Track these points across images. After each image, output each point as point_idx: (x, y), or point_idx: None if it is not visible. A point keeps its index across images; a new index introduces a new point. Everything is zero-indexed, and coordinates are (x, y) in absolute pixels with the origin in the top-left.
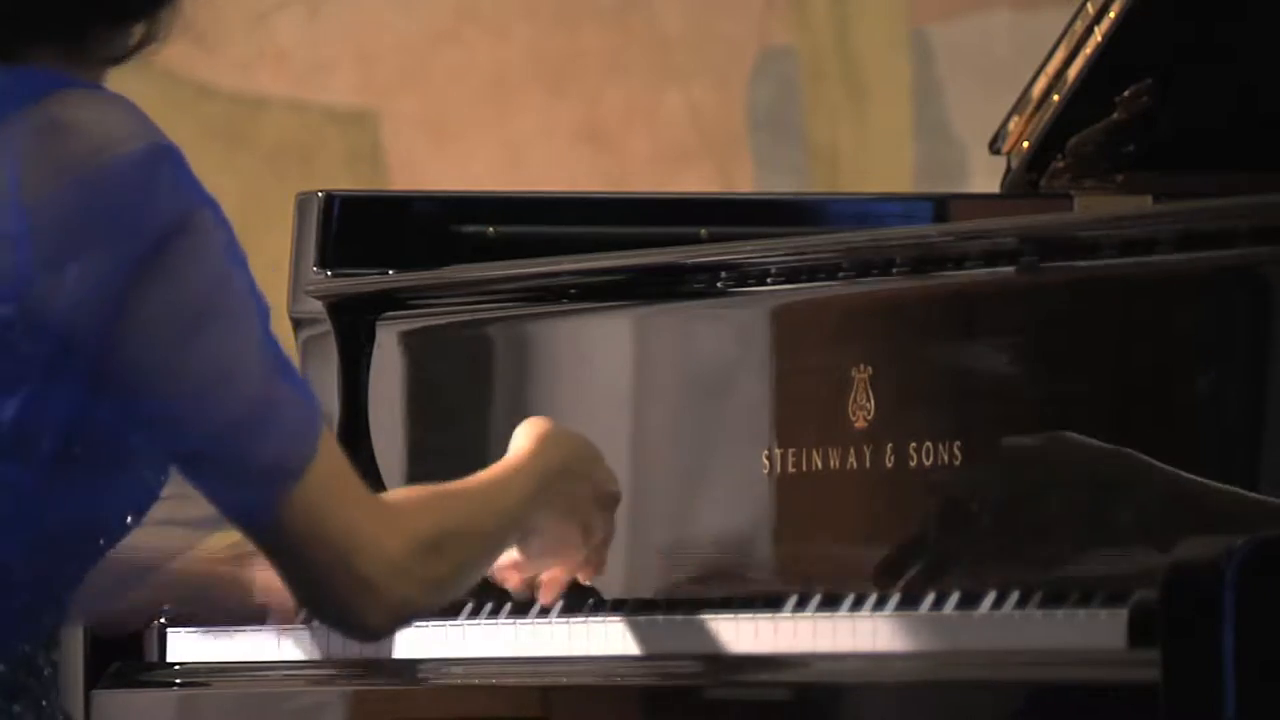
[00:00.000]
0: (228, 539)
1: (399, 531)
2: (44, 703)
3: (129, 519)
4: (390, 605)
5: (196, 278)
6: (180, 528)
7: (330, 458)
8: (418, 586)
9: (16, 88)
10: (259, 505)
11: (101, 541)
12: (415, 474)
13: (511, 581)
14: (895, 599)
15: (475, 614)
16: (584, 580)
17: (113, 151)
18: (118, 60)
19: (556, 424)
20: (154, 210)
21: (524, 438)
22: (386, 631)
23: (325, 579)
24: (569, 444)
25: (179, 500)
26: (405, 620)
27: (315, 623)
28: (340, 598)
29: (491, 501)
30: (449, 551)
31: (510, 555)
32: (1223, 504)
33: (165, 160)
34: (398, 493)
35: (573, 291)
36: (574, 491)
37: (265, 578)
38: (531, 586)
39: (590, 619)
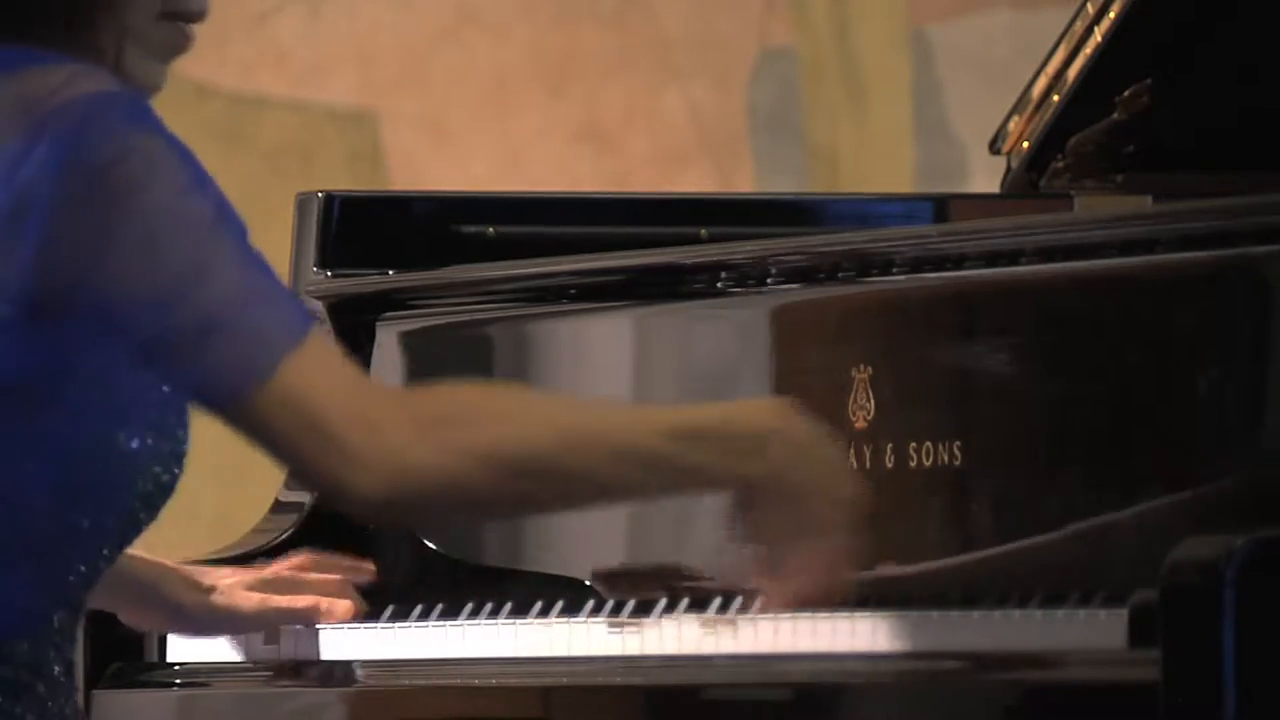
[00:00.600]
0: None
1: (389, 400)
2: (50, 704)
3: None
4: (380, 467)
5: (144, 194)
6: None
7: (314, 346)
8: (414, 445)
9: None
10: (229, 394)
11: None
12: None
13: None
14: (895, 599)
15: (475, 614)
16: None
17: (63, 94)
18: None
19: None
20: (91, 135)
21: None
22: (390, 501)
23: (302, 451)
24: (793, 420)
25: None
26: (411, 486)
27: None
28: (321, 467)
29: (590, 415)
30: (468, 428)
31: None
32: (1223, 503)
33: (114, 99)
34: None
35: (573, 292)
36: (792, 471)
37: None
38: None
39: (591, 619)
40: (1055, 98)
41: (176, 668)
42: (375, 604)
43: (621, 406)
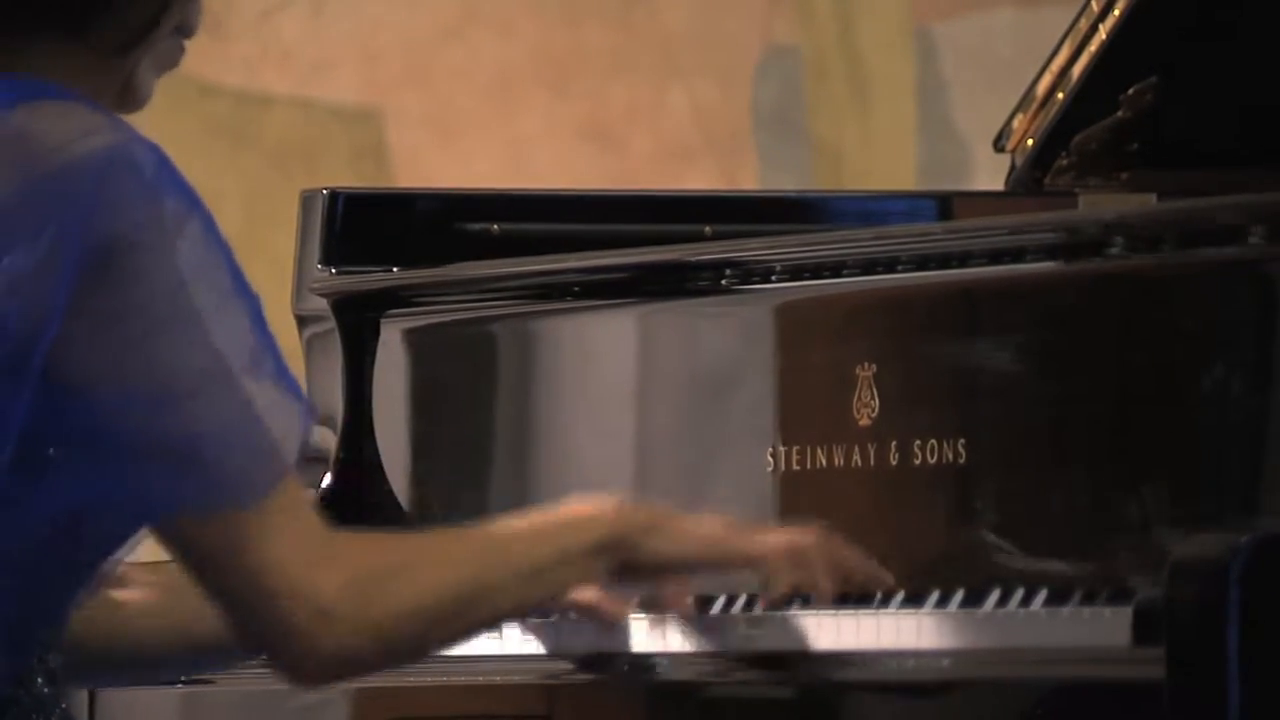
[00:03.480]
0: None
1: (335, 572)
2: (34, 717)
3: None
4: (321, 658)
5: (149, 286)
6: None
7: (285, 495)
8: (352, 636)
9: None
10: (189, 518)
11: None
12: (419, 472)
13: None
14: (898, 597)
15: None
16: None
17: (68, 150)
18: (126, 48)
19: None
20: (103, 209)
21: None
22: (325, 680)
23: (248, 612)
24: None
25: None
26: (349, 669)
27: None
28: (264, 638)
29: (485, 549)
30: (396, 591)
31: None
32: (1227, 501)
33: (123, 160)
34: (358, 533)
35: (577, 289)
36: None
37: None
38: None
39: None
40: (1059, 95)
41: None
42: None
43: (495, 532)
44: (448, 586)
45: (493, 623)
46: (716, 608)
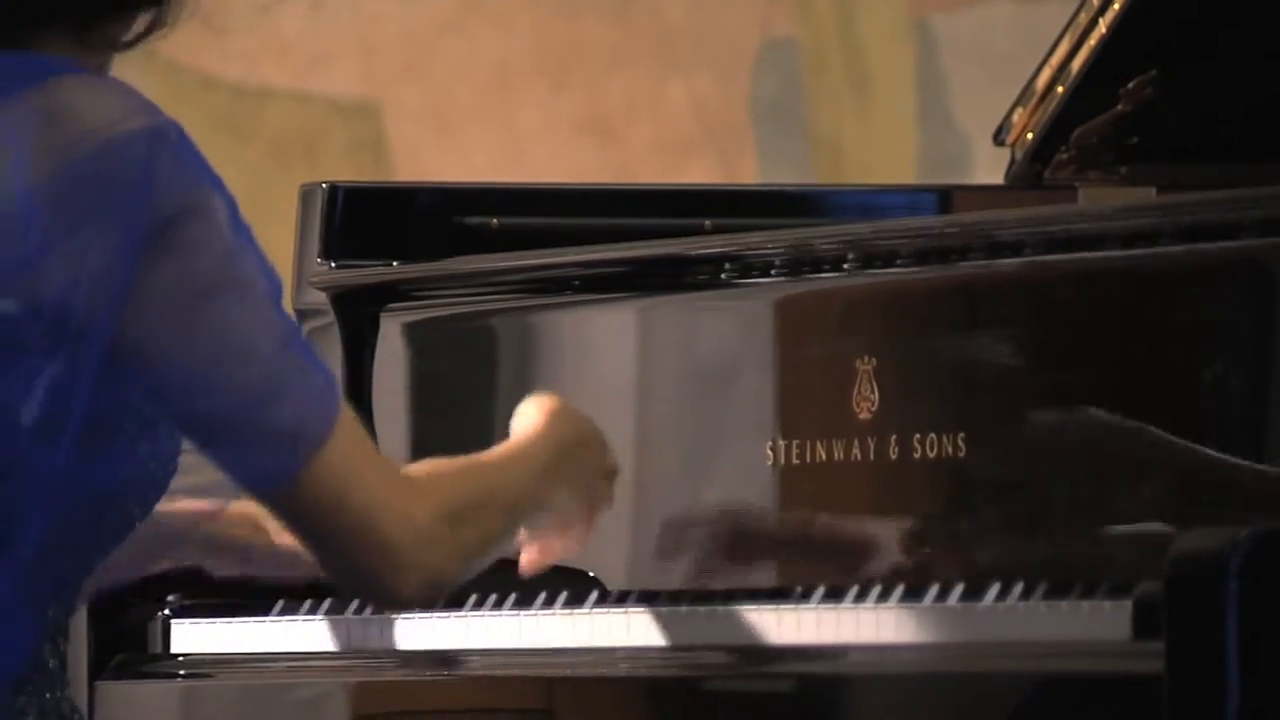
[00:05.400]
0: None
1: (424, 500)
2: (48, 695)
3: (150, 495)
4: (420, 574)
5: (204, 254)
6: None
7: (349, 429)
8: (446, 555)
9: (19, 70)
10: (277, 474)
11: (120, 523)
12: None
13: (522, 557)
14: (899, 591)
15: (479, 606)
16: (571, 553)
17: (113, 130)
18: (125, 46)
19: (561, 400)
20: (156, 189)
21: (533, 413)
22: (419, 602)
23: (349, 548)
24: (575, 419)
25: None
26: (438, 590)
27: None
28: (367, 567)
29: (511, 474)
30: (474, 521)
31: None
32: (1227, 495)
33: (165, 139)
34: (419, 465)
35: (576, 283)
36: (584, 465)
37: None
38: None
39: (594, 611)
40: (1059, 89)
41: (180, 659)
42: None
43: (508, 459)
44: (502, 511)
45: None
46: (717, 599)
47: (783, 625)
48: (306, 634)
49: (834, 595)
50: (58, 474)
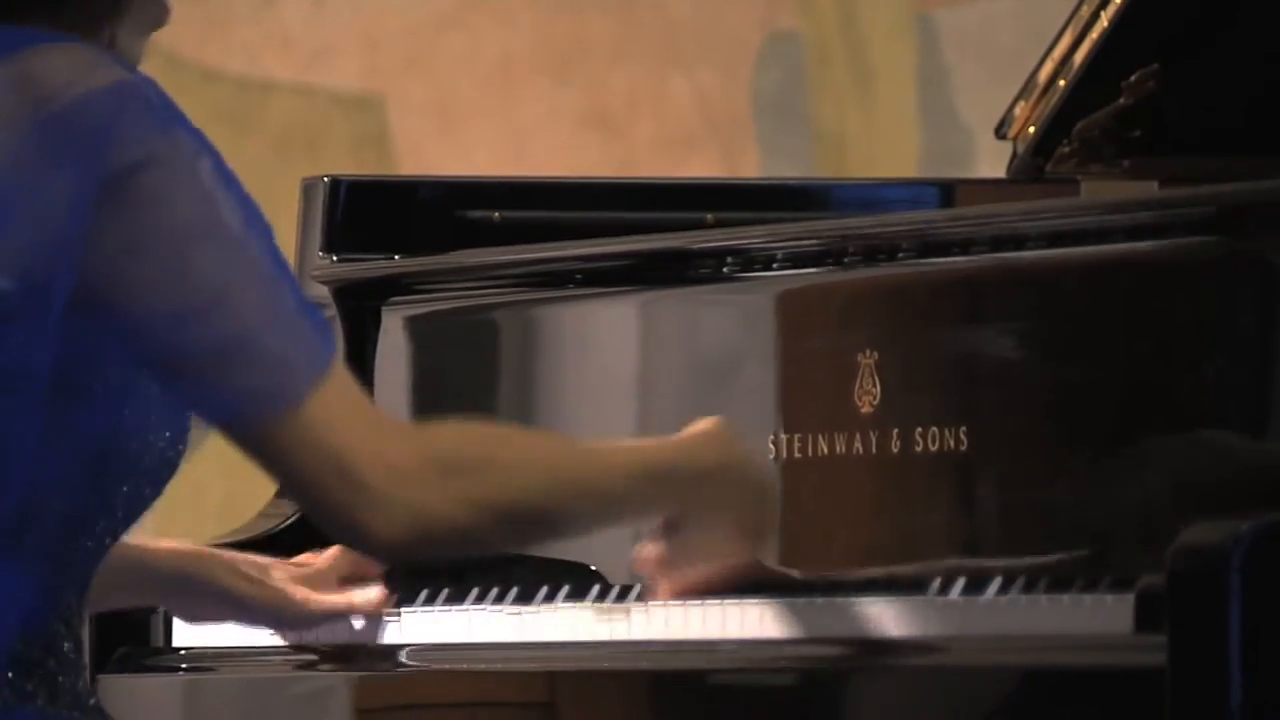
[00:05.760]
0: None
1: (410, 444)
2: (60, 679)
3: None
4: (399, 513)
5: (172, 203)
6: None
7: (337, 379)
8: (430, 498)
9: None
10: (252, 420)
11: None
12: None
13: (652, 576)
14: (901, 584)
15: (480, 600)
16: (711, 585)
17: (76, 89)
18: (109, 17)
19: (727, 427)
20: (116, 140)
21: (690, 429)
22: (401, 545)
23: (324, 489)
24: (732, 447)
25: None
26: (422, 534)
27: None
28: (343, 507)
29: (581, 457)
30: (478, 478)
31: (652, 548)
32: (1229, 488)
33: (131, 95)
34: (443, 424)
35: (578, 277)
36: (723, 492)
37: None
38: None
39: (596, 605)
40: (1061, 83)
41: (182, 652)
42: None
43: (592, 448)
44: (521, 494)
45: (564, 535)
46: (715, 597)
47: (784, 619)
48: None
49: (835, 588)
50: (30, 427)
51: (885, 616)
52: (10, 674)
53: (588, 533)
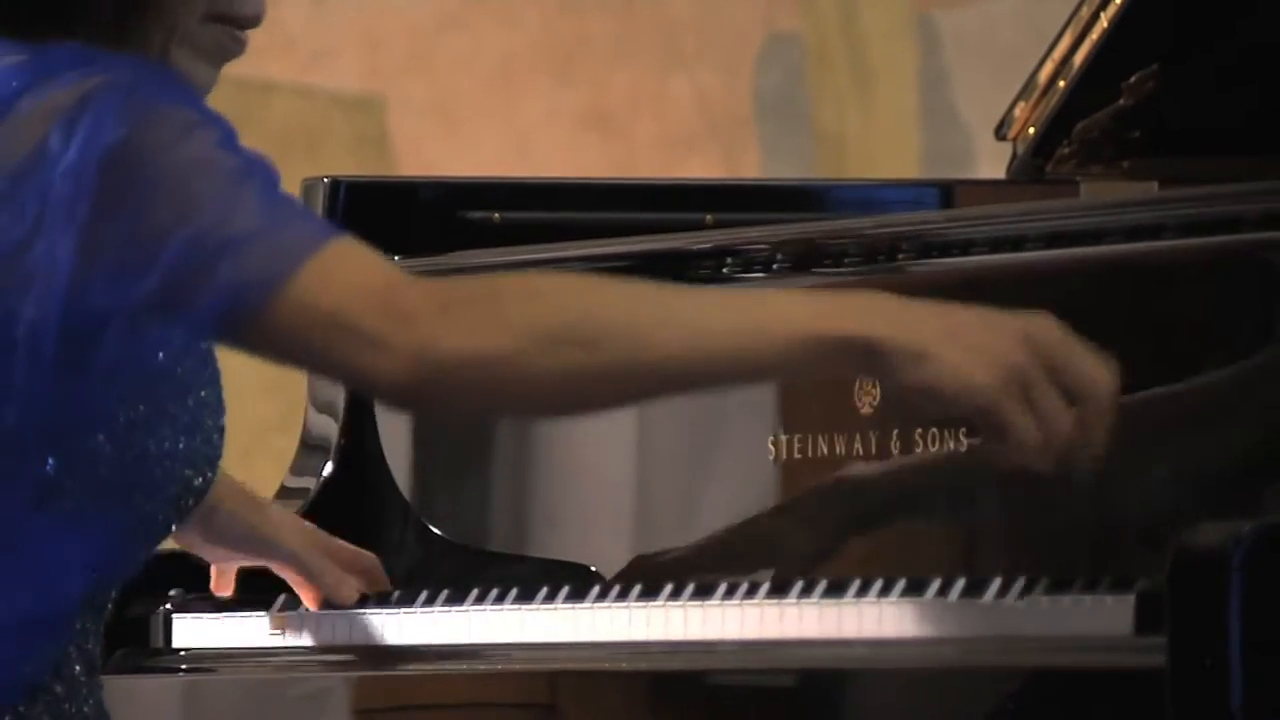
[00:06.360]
0: None
1: (417, 287)
2: (67, 705)
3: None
4: (407, 352)
5: (175, 156)
6: None
7: (337, 248)
8: (444, 329)
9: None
10: (249, 308)
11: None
12: (421, 460)
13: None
14: (900, 585)
15: (481, 600)
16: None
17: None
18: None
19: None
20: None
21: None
22: (419, 388)
23: (324, 350)
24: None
25: None
26: (440, 371)
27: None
28: (343, 359)
29: (641, 292)
30: (499, 302)
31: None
32: (1229, 489)
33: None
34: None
35: None
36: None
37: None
38: None
39: (596, 605)
40: (1061, 83)
41: (182, 654)
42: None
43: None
44: (559, 310)
45: (628, 373)
46: (719, 594)
47: (784, 619)
48: (308, 628)
49: (835, 590)
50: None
51: (885, 617)
52: (21, 707)
53: (660, 375)
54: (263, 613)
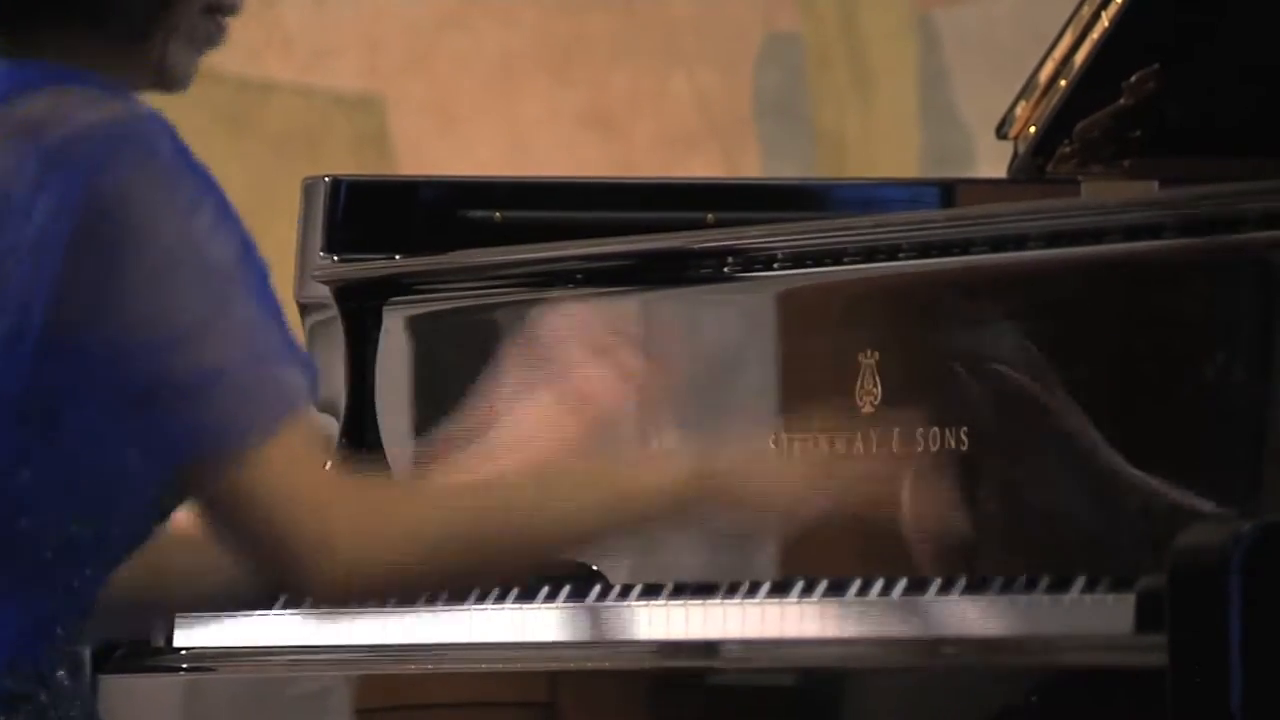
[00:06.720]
0: None
1: (344, 492)
2: (51, 712)
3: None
4: (339, 570)
5: (155, 239)
6: None
7: (300, 428)
8: (367, 549)
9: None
10: (207, 456)
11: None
12: (422, 459)
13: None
14: (902, 584)
15: (480, 600)
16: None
17: (68, 126)
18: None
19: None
20: (101, 177)
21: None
22: (341, 598)
23: (254, 548)
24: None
25: None
26: (365, 585)
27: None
28: (273, 572)
29: (529, 483)
30: (401, 525)
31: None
32: (1229, 488)
33: (128, 133)
34: (370, 474)
35: (579, 277)
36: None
37: None
38: None
39: (596, 605)
40: (1062, 83)
41: (183, 652)
42: None
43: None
44: (453, 524)
45: (515, 568)
46: (719, 594)
47: (785, 618)
48: (309, 628)
49: (836, 589)
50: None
51: (886, 616)
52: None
53: (539, 563)
54: (264, 611)
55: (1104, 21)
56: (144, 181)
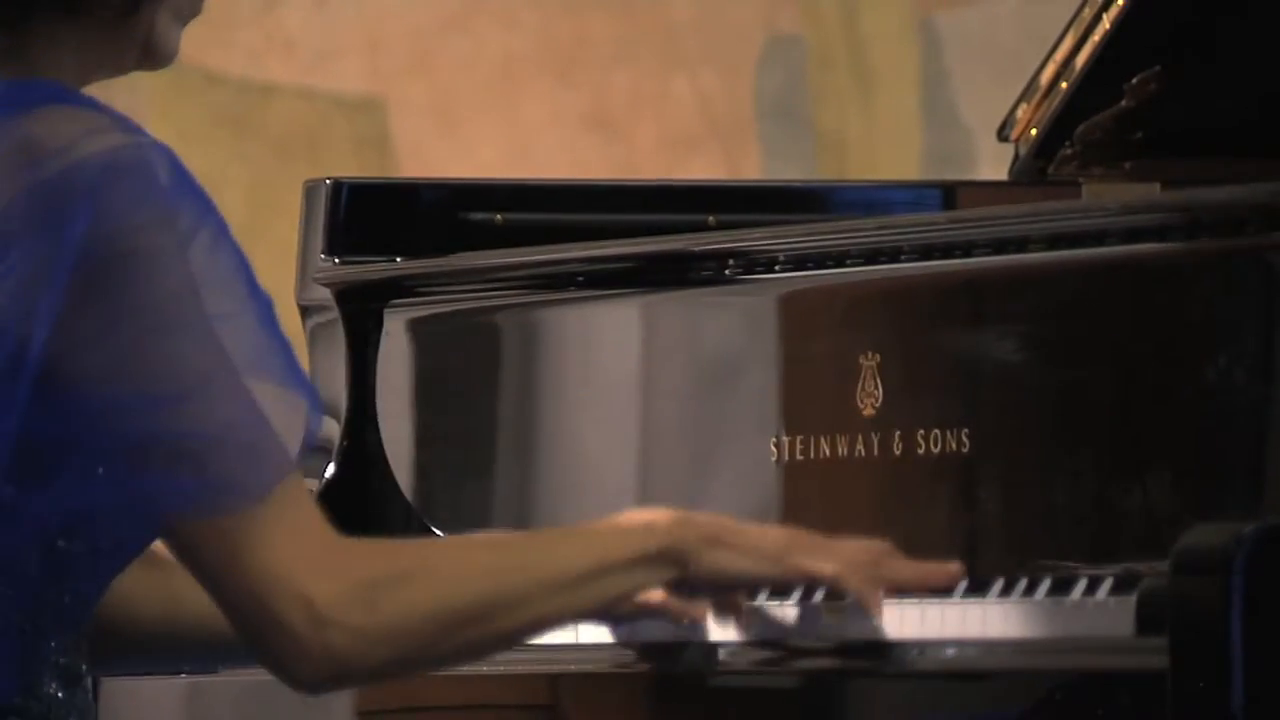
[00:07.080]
0: None
1: (331, 573)
2: None
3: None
4: (318, 656)
5: (151, 289)
6: None
7: (284, 495)
8: (352, 640)
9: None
10: (191, 518)
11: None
12: (423, 462)
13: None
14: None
15: None
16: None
17: (69, 156)
18: (130, 10)
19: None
20: (101, 213)
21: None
22: (323, 685)
23: (243, 614)
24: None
25: None
26: (344, 676)
27: None
28: (262, 639)
29: (505, 558)
30: (396, 599)
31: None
32: (1231, 491)
33: (126, 164)
34: (362, 539)
35: (581, 279)
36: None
37: None
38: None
39: None
40: (1063, 85)
41: None
42: None
43: (536, 539)
44: (456, 597)
45: (518, 633)
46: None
47: (784, 621)
48: None
49: (836, 591)
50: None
51: (886, 618)
52: None
53: (543, 626)
54: None
55: (1105, 23)
56: (145, 220)
